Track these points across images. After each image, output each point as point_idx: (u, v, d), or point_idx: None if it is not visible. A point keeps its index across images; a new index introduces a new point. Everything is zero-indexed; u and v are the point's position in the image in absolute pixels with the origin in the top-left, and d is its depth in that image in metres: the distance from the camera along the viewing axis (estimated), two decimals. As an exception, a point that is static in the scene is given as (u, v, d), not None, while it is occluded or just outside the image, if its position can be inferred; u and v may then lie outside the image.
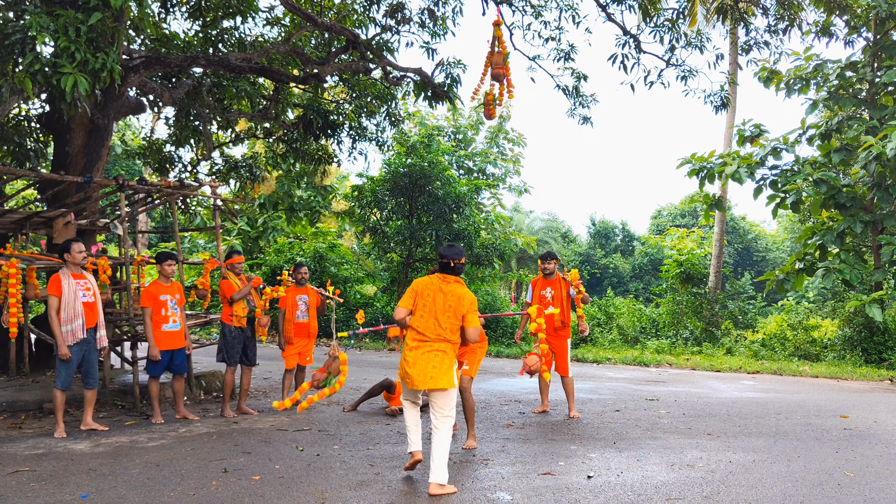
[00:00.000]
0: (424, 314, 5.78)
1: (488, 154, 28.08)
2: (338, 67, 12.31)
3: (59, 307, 7.11)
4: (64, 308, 7.13)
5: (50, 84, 7.34)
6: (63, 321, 7.11)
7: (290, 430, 7.58)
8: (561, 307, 8.62)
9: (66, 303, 7.14)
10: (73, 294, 7.20)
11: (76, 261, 7.37)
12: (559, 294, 8.67)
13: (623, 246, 44.12)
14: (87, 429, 7.39)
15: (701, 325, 20.51)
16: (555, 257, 8.88)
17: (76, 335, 7.19)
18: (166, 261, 8.21)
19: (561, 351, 8.72)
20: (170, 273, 8.20)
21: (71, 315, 7.16)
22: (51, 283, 7.19)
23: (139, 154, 15.46)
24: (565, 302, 8.65)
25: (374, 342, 20.06)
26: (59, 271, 7.31)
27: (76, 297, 7.21)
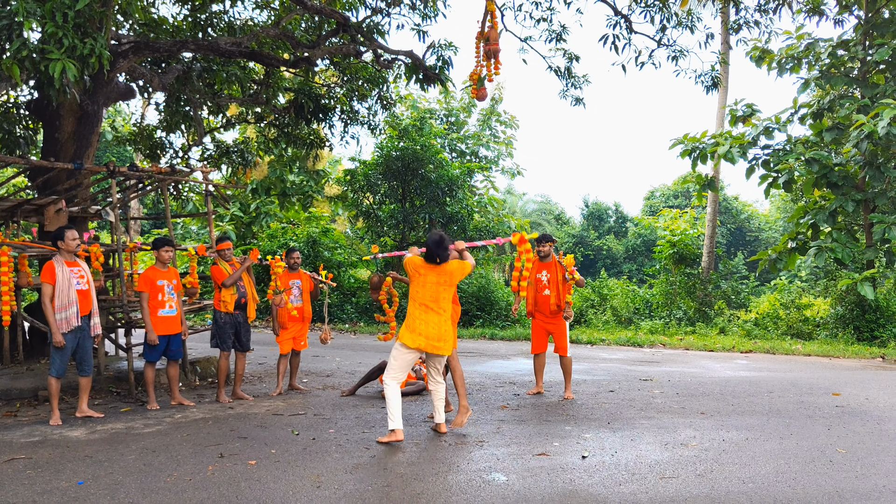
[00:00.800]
0: (426, 287, 6.53)
1: (481, 137, 28.01)
2: (328, 51, 12.23)
3: (53, 295, 7.08)
4: (58, 296, 7.10)
5: (38, 70, 7.27)
6: (58, 309, 7.09)
7: (285, 415, 7.60)
8: (556, 290, 8.65)
9: (61, 290, 7.11)
10: (68, 281, 7.17)
11: (70, 248, 7.32)
12: (555, 277, 8.70)
13: (616, 227, 44.21)
14: (82, 416, 7.39)
15: (694, 306, 20.60)
16: (550, 239, 8.86)
17: (71, 322, 7.17)
18: (163, 247, 8.17)
19: (559, 331, 8.74)
20: (167, 259, 8.17)
21: (65, 302, 7.14)
22: (44, 271, 7.16)
23: (130, 140, 15.37)
24: (561, 285, 8.65)
25: (370, 326, 20.09)
26: (52, 259, 7.27)
27: (70, 285, 7.18)
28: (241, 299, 8.48)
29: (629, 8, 12.96)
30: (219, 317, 8.41)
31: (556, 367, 11.28)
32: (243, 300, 8.51)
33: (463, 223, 21.42)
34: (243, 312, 8.57)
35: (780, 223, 38.29)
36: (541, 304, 8.79)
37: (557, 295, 8.64)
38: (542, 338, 8.93)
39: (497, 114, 29.06)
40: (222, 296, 8.39)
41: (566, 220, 46.35)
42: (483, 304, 21.04)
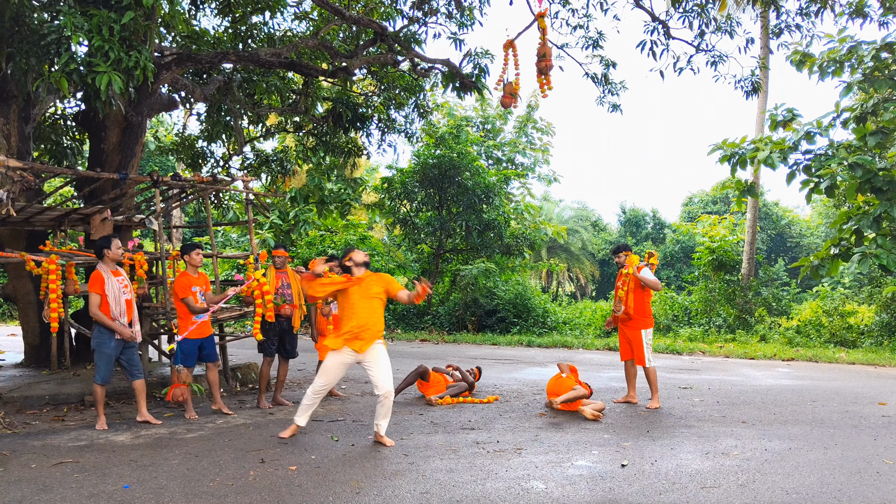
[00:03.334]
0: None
1: (517, 144, 27.98)
2: (366, 60, 12.34)
3: (103, 304, 7.18)
4: (114, 305, 7.21)
5: (85, 83, 7.46)
6: (115, 317, 7.23)
7: (324, 421, 7.66)
8: (626, 298, 8.61)
9: (114, 300, 7.23)
10: (119, 291, 7.30)
11: (116, 257, 7.44)
12: (626, 285, 8.71)
13: (654, 234, 43.77)
14: (143, 420, 7.47)
15: (734, 313, 20.29)
16: (624, 249, 8.91)
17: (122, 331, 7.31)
18: (193, 250, 8.21)
19: (636, 341, 8.68)
20: (198, 263, 8.19)
21: (117, 312, 7.26)
22: (93, 281, 7.26)
23: (172, 150, 15.66)
24: (631, 294, 8.62)
25: (407, 333, 20.14)
26: (97, 268, 7.38)
27: (121, 294, 7.32)
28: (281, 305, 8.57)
29: (667, 13, 12.87)
30: (263, 323, 8.48)
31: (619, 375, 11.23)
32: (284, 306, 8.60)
33: (500, 230, 21.40)
34: (288, 321, 8.64)
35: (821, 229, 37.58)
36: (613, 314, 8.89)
37: (627, 302, 8.66)
38: (625, 345, 8.93)
39: (533, 121, 29.02)
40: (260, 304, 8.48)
41: (603, 226, 46.04)
42: (520, 311, 20.98)
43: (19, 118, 10.01)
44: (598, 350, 16.87)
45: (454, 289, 22.03)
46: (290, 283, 8.69)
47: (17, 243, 10.35)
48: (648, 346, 8.66)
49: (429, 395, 8.95)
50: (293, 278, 8.77)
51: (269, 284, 8.49)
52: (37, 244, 10.03)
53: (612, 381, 10.92)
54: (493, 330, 20.70)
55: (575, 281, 43.96)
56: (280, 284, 8.60)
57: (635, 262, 8.67)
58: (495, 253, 22.46)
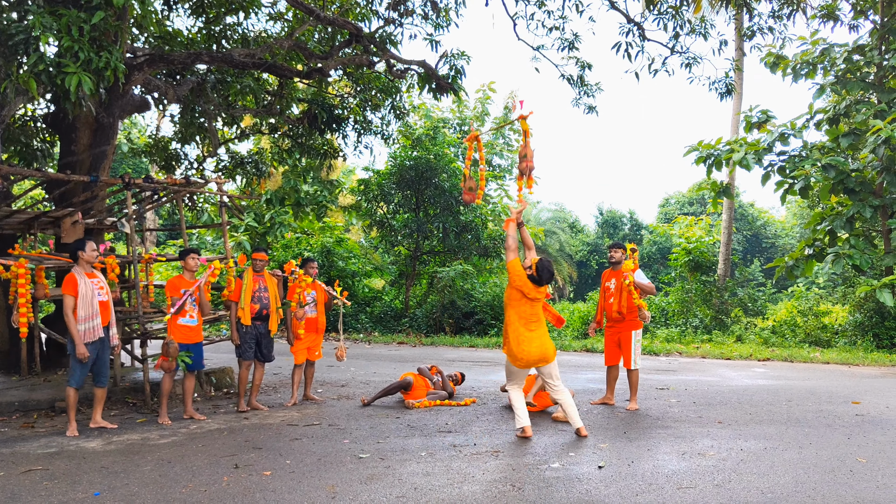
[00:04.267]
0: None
1: (494, 145, 28.01)
2: (341, 61, 12.30)
3: (76, 307, 7.14)
4: (82, 307, 7.16)
5: (54, 84, 7.36)
6: (82, 320, 7.16)
7: (300, 426, 7.61)
8: (619, 297, 8.59)
9: (84, 302, 7.19)
10: (91, 293, 7.26)
11: (91, 259, 7.42)
12: (619, 284, 8.64)
13: (631, 235, 44.02)
14: (96, 427, 7.43)
15: (710, 313, 20.46)
16: (620, 247, 8.81)
17: (95, 333, 7.25)
18: (189, 255, 8.20)
19: (626, 343, 8.63)
20: (193, 267, 8.21)
21: (90, 314, 7.22)
22: (66, 283, 7.22)
23: (145, 152, 15.50)
24: (625, 292, 8.56)
25: (384, 336, 20.09)
26: (72, 271, 7.33)
27: (94, 296, 7.28)
28: (262, 311, 8.51)
29: (642, 16, 12.96)
30: (239, 327, 8.44)
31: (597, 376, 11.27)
32: (265, 311, 8.54)
33: (477, 232, 21.42)
34: (265, 323, 8.59)
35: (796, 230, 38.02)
36: (608, 311, 8.82)
37: (620, 302, 8.58)
38: (613, 349, 8.82)
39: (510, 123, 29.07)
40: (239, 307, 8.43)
41: (580, 227, 46.21)
42: (498, 313, 21.00)
43: (-13, 120, 9.85)
44: (576, 352, 16.93)
45: (431, 291, 22.02)
46: (266, 286, 8.63)
47: (-14, 247, 10.19)
48: (637, 347, 8.68)
49: (407, 399, 8.93)
50: (270, 282, 8.71)
51: (246, 288, 8.44)
52: (5, 248, 9.87)
53: (589, 383, 10.96)
54: (471, 332, 20.71)
55: (553, 283, 44.11)
56: (257, 287, 8.53)
57: (629, 267, 8.59)
58: (473, 255, 22.49)
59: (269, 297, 8.59)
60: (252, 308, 8.45)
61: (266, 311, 8.55)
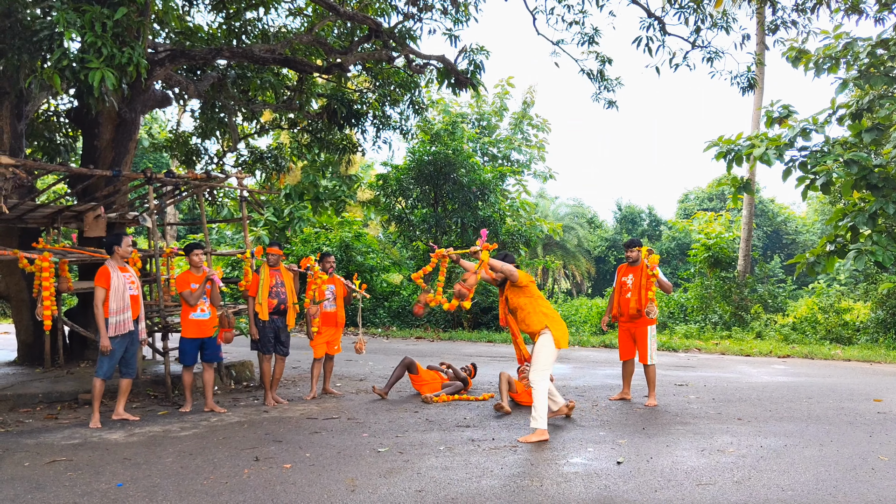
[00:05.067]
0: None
1: (513, 140, 27.95)
2: (361, 56, 12.31)
3: (107, 299, 7.27)
4: (114, 300, 7.30)
5: (78, 79, 7.44)
6: (113, 312, 7.30)
7: (319, 419, 7.65)
8: (637, 294, 8.57)
9: (116, 294, 7.32)
10: (123, 286, 7.41)
11: (126, 254, 7.59)
12: (638, 281, 8.61)
13: (650, 231, 43.84)
14: (118, 418, 7.52)
15: (730, 310, 20.34)
16: (637, 244, 8.79)
17: (126, 326, 7.40)
18: (193, 251, 8.33)
19: (641, 337, 8.66)
20: (198, 262, 8.32)
21: (121, 306, 7.35)
22: (99, 275, 7.36)
23: (166, 147, 15.62)
24: (643, 290, 8.55)
25: (402, 330, 20.14)
26: (105, 263, 7.47)
27: (125, 289, 7.42)
28: (280, 305, 8.57)
29: (663, 10, 12.87)
30: (257, 322, 8.50)
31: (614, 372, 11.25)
32: (283, 306, 8.60)
33: (495, 227, 21.39)
34: (282, 318, 8.65)
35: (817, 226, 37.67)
36: (623, 307, 8.78)
37: (639, 299, 8.56)
38: (628, 344, 8.87)
39: (529, 117, 28.97)
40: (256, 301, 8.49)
41: (599, 223, 46.08)
42: (515, 308, 20.98)
43: (12, 115, 9.97)
44: (594, 347, 16.90)
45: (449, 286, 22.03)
46: (283, 280, 8.68)
47: (10, 241, 10.32)
48: (653, 342, 8.67)
49: (424, 393, 8.96)
50: (286, 276, 8.76)
51: (263, 283, 8.49)
52: (30, 241, 10.01)
53: (607, 379, 10.94)
54: (489, 327, 20.71)
55: (571, 278, 44.03)
56: (274, 283, 8.58)
57: (656, 261, 8.53)
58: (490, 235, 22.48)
59: (286, 292, 8.65)
60: (269, 303, 8.50)
61: (283, 306, 8.61)
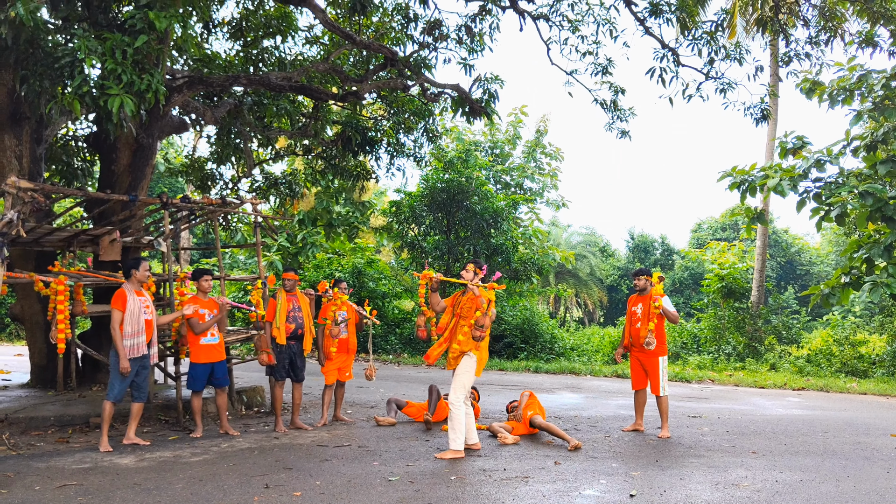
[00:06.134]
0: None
1: (526, 168, 28.04)
2: (376, 85, 12.43)
3: (123, 321, 7.33)
4: (129, 323, 7.37)
5: (97, 105, 7.54)
6: (127, 335, 7.35)
7: (330, 447, 7.62)
8: (646, 323, 8.54)
9: (132, 318, 7.39)
10: (139, 310, 7.49)
11: (143, 278, 7.68)
12: (647, 310, 8.59)
13: (663, 260, 43.68)
14: (129, 443, 7.51)
15: (744, 341, 20.17)
16: (646, 273, 8.81)
17: (140, 350, 7.46)
18: (202, 276, 8.39)
19: (653, 368, 8.59)
20: (206, 289, 8.37)
21: (136, 330, 7.42)
22: (116, 298, 7.44)
23: (182, 172, 15.76)
24: (653, 320, 8.51)
25: (414, 357, 20.07)
26: (122, 287, 7.54)
27: (141, 313, 7.50)
28: (297, 330, 8.57)
29: (676, 41, 12.94)
30: (273, 347, 8.51)
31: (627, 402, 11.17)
32: (300, 331, 8.60)
33: (508, 255, 21.37)
34: (299, 343, 8.65)
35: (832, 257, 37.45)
36: (634, 337, 8.75)
37: (647, 327, 8.54)
38: (640, 374, 8.82)
39: (542, 146, 29.09)
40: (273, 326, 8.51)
41: (611, 252, 45.96)
42: (527, 336, 20.91)
43: (31, 139, 10.09)
44: (607, 377, 16.78)
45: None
46: (300, 305, 8.70)
47: (27, 264, 10.40)
48: (664, 373, 8.61)
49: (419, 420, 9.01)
50: (303, 301, 8.78)
51: (281, 307, 8.51)
52: (45, 265, 10.08)
53: (620, 409, 10.85)
54: (500, 355, 20.62)
55: (583, 306, 43.85)
56: (291, 307, 8.60)
57: (660, 291, 8.55)
58: (503, 278, 22.46)
59: (304, 317, 8.66)
60: (287, 327, 8.51)
61: (301, 331, 8.62)
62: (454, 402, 7.20)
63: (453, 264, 21.71)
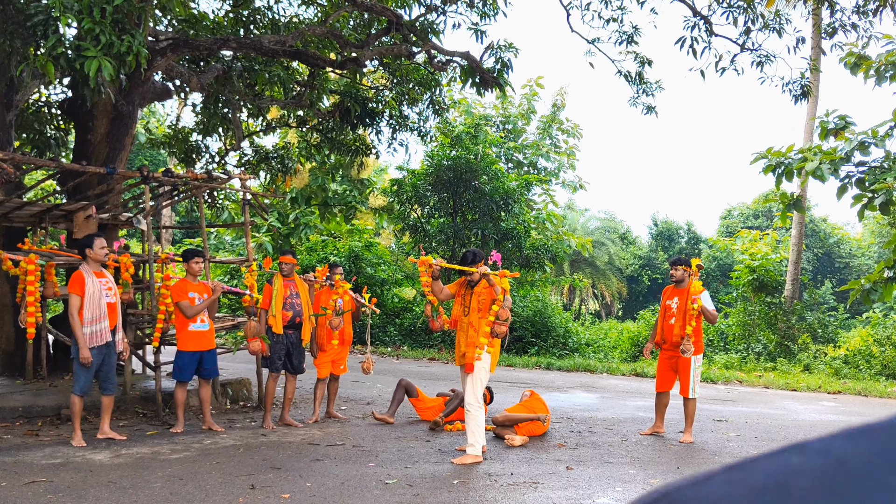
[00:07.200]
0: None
1: (540, 146, 27.97)
2: (378, 51, 12.38)
3: (82, 307, 7.27)
4: (88, 308, 7.30)
5: (73, 68, 7.52)
6: (87, 322, 7.29)
7: (322, 445, 7.65)
8: (682, 320, 8.45)
9: (91, 302, 7.32)
10: (98, 293, 7.39)
11: (98, 257, 7.54)
12: (683, 305, 8.46)
13: (688, 249, 43.64)
14: (104, 437, 7.55)
15: (775, 339, 20.16)
16: (684, 263, 8.63)
17: (102, 337, 7.39)
18: (193, 258, 8.37)
19: (684, 367, 8.46)
20: (197, 271, 8.37)
21: (97, 315, 7.35)
22: (72, 281, 7.35)
23: (164, 143, 15.76)
24: (688, 315, 8.38)
25: (414, 350, 20.13)
26: (79, 268, 7.47)
27: (101, 296, 7.41)
28: (294, 318, 8.56)
29: (709, 8, 12.86)
30: (269, 336, 8.52)
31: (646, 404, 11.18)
32: (298, 319, 8.59)
33: (519, 240, 21.36)
34: (297, 332, 8.65)
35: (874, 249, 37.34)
36: (667, 334, 8.65)
37: (683, 326, 8.40)
38: (667, 374, 8.74)
39: (559, 121, 28.99)
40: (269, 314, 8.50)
41: (632, 239, 45.94)
42: (539, 330, 20.93)
43: (1, 104, 10.09)
44: (625, 376, 16.80)
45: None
46: (298, 292, 8.68)
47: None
48: (697, 374, 8.51)
49: (430, 419, 8.98)
50: (301, 287, 8.77)
51: (277, 294, 8.51)
52: (15, 242, 10.09)
53: (638, 411, 10.87)
54: (509, 350, 20.66)
55: (600, 298, 43.88)
56: (288, 294, 8.59)
57: (699, 287, 8.38)
58: (513, 265, 22.46)
59: (302, 304, 8.65)
60: (284, 315, 8.49)
61: (299, 319, 8.60)
62: (472, 402, 7.18)
63: (459, 250, 21.71)
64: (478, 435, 7.08)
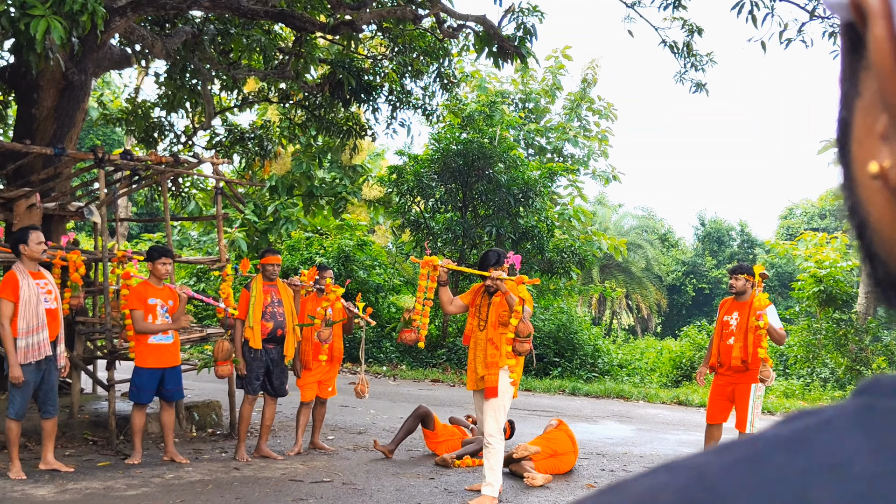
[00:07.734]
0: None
1: (567, 129, 27.96)
2: (377, 14, 12.36)
3: (15, 315, 7.16)
4: (23, 316, 7.17)
5: (16, 29, 7.51)
6: (23, 333, 7.17)
7: (305, 481, 7.64)
8: (743, 339, 8.28)
9: (27, 309, 7.20)
10: (36, 298, 7.25)
11: (34, 254, 7.37)
12: (744, 322, 8.28)
13: (741, 254, 43.63)
14: (47, 468, 7.52)
15: (845, 363, 20.12)
16: (746, 271, 8.46)
17: (41, 350, 7.28)
18: (160, 258, 8.30)
19: (742, 397, 8.25)
20: (163, 273, 8.33)
21: (34, 325, 7.23)
22: (4, 284, 7.23)
23: (120, 119, 15.76)
24: (752, 334, 8.22)
25: (414, 370, 20.15)
26: (12, 268, 7.38)
27: (39, 302, 7.27)
28: (276, 330, 8.50)
29: (774, -33, 12.82)
30: (246, 351, 8.45)
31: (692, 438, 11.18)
32: (280, 331, 8.54)
33: (540, 241, 21.34)
34: (278, 347, 8.61)
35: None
36: (724, 356, 8.42)
37: (744, 347, 8.20)
38: (721, 404, 8.49)
39: (589, 100, 28.95)
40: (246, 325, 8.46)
41: (675, 241, 45.95)
42: (563, 347, 20.91)
43: (-71, 72, 10.11)
44: (665, 404, 16.78)
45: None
46: (281, 299, 8.63)
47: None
48: (758, 404, 8.37)
49: (441, 454, 8.92)
50: (285, 293, 8.71)
51: (255, 301, 8.46)
52: (-57, 235, 10.11)
53: (681, 446, 10.85)
54: (527, 371, 20.64)
55: (635, 311, 43.87)
56: (269, 301, 8.54)
57: (765, 301, 8.23)
58: (533, 271, 22.45)
59: (285, 313, 8.59)
60: (263, 327, 8.45)
61: (281, 331, 8.56)
62: (494, 433, 7.05)
63: (469, 251, 21.71)
64: (497, 472, 7.03)
